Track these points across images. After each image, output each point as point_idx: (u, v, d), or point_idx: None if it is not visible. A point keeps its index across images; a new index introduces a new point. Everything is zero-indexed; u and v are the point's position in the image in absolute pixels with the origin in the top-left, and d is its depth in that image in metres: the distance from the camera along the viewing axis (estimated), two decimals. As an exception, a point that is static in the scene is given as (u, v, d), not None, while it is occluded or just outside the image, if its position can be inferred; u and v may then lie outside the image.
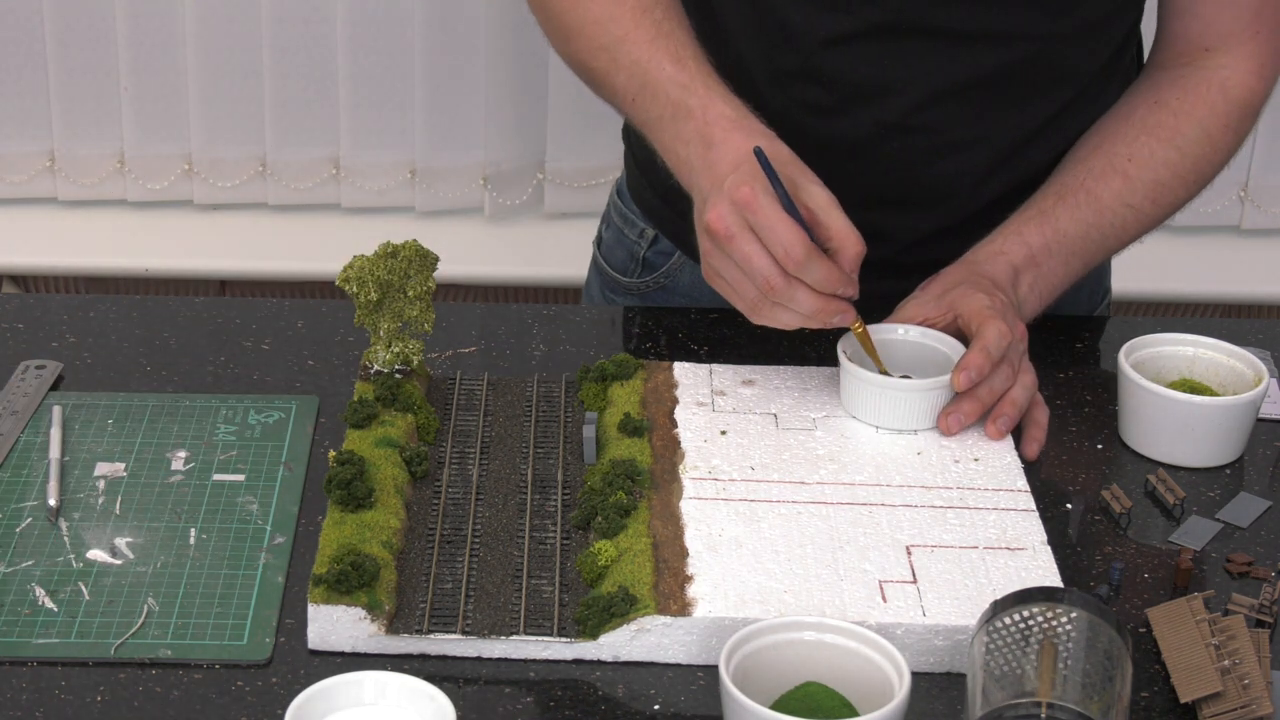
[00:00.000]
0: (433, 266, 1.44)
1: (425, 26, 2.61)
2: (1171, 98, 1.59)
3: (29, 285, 2.80)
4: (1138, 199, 1.57)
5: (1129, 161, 1.57)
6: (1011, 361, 1.42)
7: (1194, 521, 1.38)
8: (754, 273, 1.36)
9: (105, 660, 1.20)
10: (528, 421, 1.45)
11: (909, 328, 1.47)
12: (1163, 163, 1.57)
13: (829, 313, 1.38)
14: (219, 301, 1.69)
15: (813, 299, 1.37)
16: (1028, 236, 1.54)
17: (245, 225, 2.76)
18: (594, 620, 1.20)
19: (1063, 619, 1.10)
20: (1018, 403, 1.41)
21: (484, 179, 2.72)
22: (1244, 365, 1.48)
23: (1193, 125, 1.57)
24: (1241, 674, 1.16)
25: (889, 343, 1.46)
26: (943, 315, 1.47)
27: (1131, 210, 1.57)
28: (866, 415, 1.43)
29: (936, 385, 1.41)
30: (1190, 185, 1.59)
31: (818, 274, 1.36)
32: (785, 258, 1.35)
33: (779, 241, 1.35)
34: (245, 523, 1.34)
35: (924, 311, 1.48)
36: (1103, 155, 1.58)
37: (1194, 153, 1.57)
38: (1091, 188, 1.56)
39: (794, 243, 1.34)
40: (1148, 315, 2.71)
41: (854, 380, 1.42)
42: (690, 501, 1.32)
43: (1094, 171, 1.57)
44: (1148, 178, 1.57)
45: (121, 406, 1.48)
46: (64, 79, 2.66)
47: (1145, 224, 1.59)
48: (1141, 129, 1.58)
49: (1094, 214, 1.56)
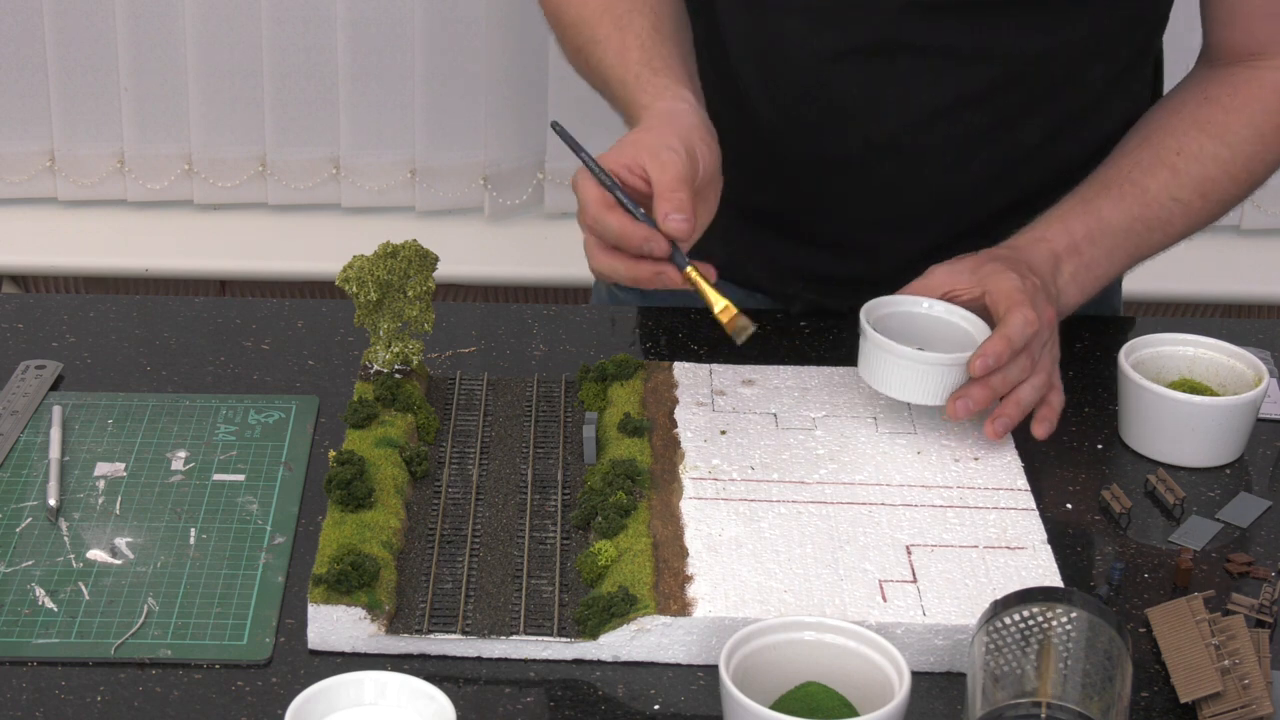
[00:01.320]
0: (433, 266, 1.44)
1: (425, 26, 2.61)
2: (1222, 94, 1.55)
3: (29, 285, 2.80)
4: (1185, 193, 1.53)
5: (1177, 155, 1.53)
6: (1031, 352, 1.40)
7: (1194, 521, 1.38)
8: (582, 221, 1.36)
9: (105, 660, 1.20)
10: (528, 421, 1.45)
11: (934, 302, 1.44)
12: (1212, 158, 1.53)
13: (635, 237, 1.33)
14: (219, 301, 1.69)
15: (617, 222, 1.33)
16: (1071, 224, 1.51)
17: (245, 225, 2.76)
18: (594, 620, 1.20)
19: (1063, 619, 1.10)
20: (1022, 403, 1.40)
21: (484, 179, 2.72)
22: (1244, 365, 1.48)
23: (1243, 123, 1.54)
24: (1241, 674, 1.16)
25: (913, 315, 1.44)
26: (970, 289, 1.44)
27: (1179, 204, 1.53)
28: (879, 384, 1.41)
29: (953, 362, 1.38)
30: (1241, 183, 1.55)
31: (611, 229, 1.33)
32: (581, 214, 1.35)
33: (579, 201, 1.35)
34: (245, 523, 1.34)
35: (954, 281, 1.45)
36: (1150, 148, 1.55)
37: (1245, 150, 1.54)
38: (1138, 179, 1.53)
39: (587, 201, 1.34)
40: (1148, 315, 2.72)
41: (871, 348, 1.40)
42: (690, 501, 1.32)
43: (1141, 164, 1.54)
44: (1196, 172, 1.53)
45: (121, 406, 1.48)
46: (64, 79, 2.66)
47: (1194, 219, 1.55)
48: (1191, 123, 1.54)
49: (1140, 206, 1.52)
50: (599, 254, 1.36)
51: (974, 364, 1.37)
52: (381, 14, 2.62)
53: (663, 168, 1.33)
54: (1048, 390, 1.42)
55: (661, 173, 1.33)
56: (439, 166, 2.72)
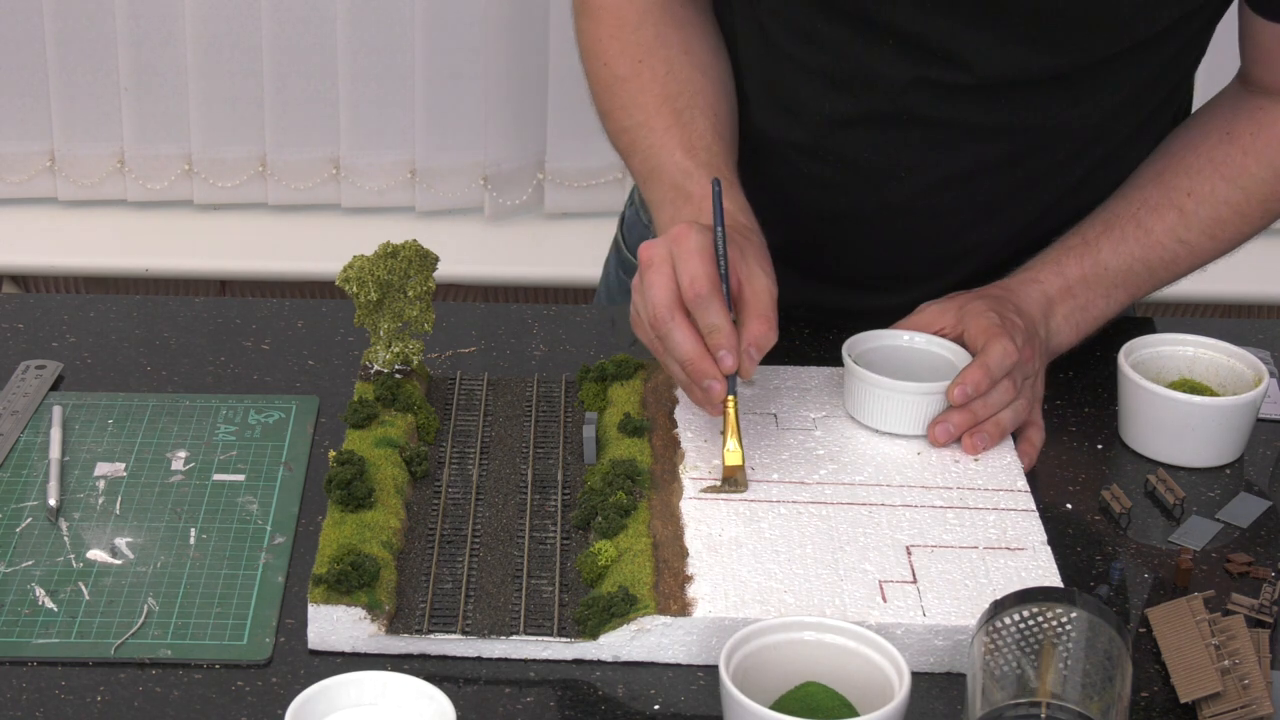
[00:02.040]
0: (433, 266, 1.44)
1: (425, 26, 2.61)
2: (1245, 132, 1.51)
3: (29, 285, 2.80)
4: (1193, 235, 1.51)
5: (1188, 196, 1.50)
6: (1014, 379, 1.40)
7: (1194, 521, 1.38)
8: (651, 300, 1.31)
9: (105, 660, 1.20)
10: (528, 421, 1.45)
11: (914, 335, 1.46)
12: (1224, 201, 1.50)
13: (700, 370, 1.30)
14: (219, 301, 1.69)
15: (688, 342, 1.30)
16: (1066, 267, 1.50)
17: (245, 225, 2.77)
18: (594, 620, 1.20)
19: (1063, 619, 1.10)
20: (1001, 424, 1.39)
21: (484, 179, 2.72)
22: (1244, 365, 1.48)
23: (1262, 165, 1.50)
24: (1241, 674, 1.16)
25: (895, 349, 1.46)
26: (953, 327, 1.44)
27: (1185, 245, 1.51)
28: (863, 416, 1.42)
29: (932, 391, 1.40)
30: (1254, 221, 1.52)
31: (712, 319, 1.30)
32: (689, 286, 1.30)
33: (687, 271, 1.30)
34: (245, 523, 1.34)
35: (939, 320, 1.46)
36: (1161, 187, 1.51)
37: (1260, 192, 1.50)
38: (1143, 219, 1.50)
39: (702, 275, 1.30)
40: (1148, 315, 2.71)
41: (853, 380, 1.42)
42: (690, 501, 1.32)
43: (1148, 203, 1.51)
44: (1206, 215, 1.50)
45: (121, 406, 1.48)
46: (64, 79, 2.67)
47: (1200, 258, 1.53)
48: (1207, 162, 1.51)
49: (1142, 248, 1.50)
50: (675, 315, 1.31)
51: (953, 392, 1.38)
52: (381, 14, 2.62)
53: (760, 295, 1.33)
54: (1028, 426, 1.42)
55: (757, 299, 1.32)
56: (439, 166, 2.72)
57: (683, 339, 1.31)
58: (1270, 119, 1.51)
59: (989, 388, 1.38)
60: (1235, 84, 1.56)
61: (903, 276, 1.61)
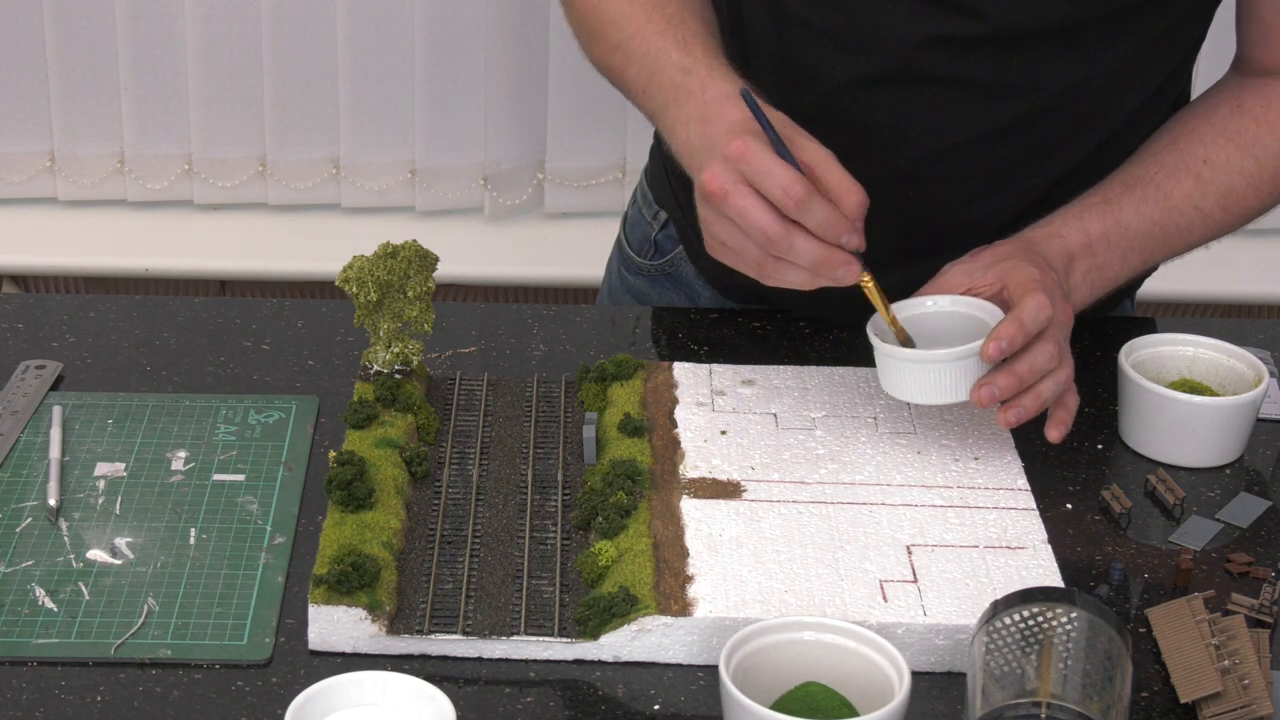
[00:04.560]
0: (432, 267, 1.44)
1: (425, 26, 2.61)
2: (1255, 105, 1.53)
3: (29, 285, 2.80)
4: (1208, 203, 1.52)
5: (1204, 164, 1.51)
6: (1056, 339, 1.36)
7: (1194, 521, 1.38)
8: (751, 226, 1.31)
9: (105, 660, 1.20)
10: (528, 422, 1.45)
11: (937, 298, 1.41)
12: (1238, 170, 1.52)
13: (833, 264, 1.32)
14: (219, 301, 1.69)
15: (814, 247, 1.31)
16: (1088, 223, 1.49)
17: (245, 225, 2.76)
18: (594, 620, 1.20)
19: (1063, 619, 1.10)
20: (1042, 396, 1.36)
21: (484, 179, 2.72)
22: (1244, 365, 1.48)
23: (1275, 137, 1.52)
24: (1241, 674, 1.16)
25: (919, 317, 1.40)
26: (990, 285, 1.41)
27: (1200, 213, 1.52)
28: (900, 392, 1.37)
29: (964, 354, 1.34)
30: (1265, 196, 1.54)
31: (819, 215, 1.30)
32: (784, 197, 1.30)
33: (776, 184, 1.30)
34: (245, 523, 1.34)
35: (970, 280, 1.42)
36: (1177, 152, 1.53)
37: (1273, 165, 1.52)
38: (1162, 183, 1.51)
39: (792, 182, 1.30)
40: (1148, 315, 2.71)
41: (883, 359, 1.37)
42: (690, 501, 1.32)
43: (1166, 167, 1.52)
44: (1221, 183, 1.52)
45: (121, 406, 1.48)
46: (64, 79, 2.66)
47: (1213, 229, 1.54)
48: (1220, 132, 1.52)
49: (1161, 211, 1.51)
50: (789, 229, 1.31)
51: (988, 349, 1.34)
52: (381, 14, 2.62)
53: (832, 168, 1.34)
54: (1064, 391, 1.39)
55: (831, 172, 1.33)
56: (439, 166, 2.72)
57: (806, 246, 1.32)
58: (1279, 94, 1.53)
59: (1024, 341, 1.35)
60: (1231, 73, 1.58)
61: (906, 250, 1.60)
